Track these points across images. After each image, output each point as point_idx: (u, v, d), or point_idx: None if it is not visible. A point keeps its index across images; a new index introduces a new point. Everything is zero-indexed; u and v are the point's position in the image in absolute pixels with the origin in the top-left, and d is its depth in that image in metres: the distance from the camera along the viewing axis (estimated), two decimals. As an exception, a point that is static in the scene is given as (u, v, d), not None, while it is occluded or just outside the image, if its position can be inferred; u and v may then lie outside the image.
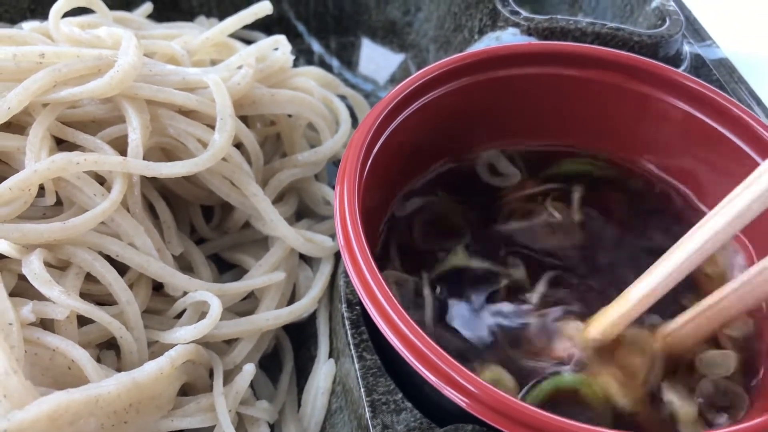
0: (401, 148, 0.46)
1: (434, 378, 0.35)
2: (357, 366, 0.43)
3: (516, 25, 0.54)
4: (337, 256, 0.52)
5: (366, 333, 0.45)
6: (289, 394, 0.48)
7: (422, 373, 0.35)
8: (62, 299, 0.40)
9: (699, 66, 0.56)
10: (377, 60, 0.69)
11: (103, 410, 0.37)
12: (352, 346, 0.44)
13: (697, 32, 0.61)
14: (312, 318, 0.50)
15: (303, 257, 0.52)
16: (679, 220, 0.48)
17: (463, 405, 0.34)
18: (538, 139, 0.51)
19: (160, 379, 0.40)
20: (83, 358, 0.39)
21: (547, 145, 0.51)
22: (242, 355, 0.46)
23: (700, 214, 0.44)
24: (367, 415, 0.41)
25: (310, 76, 0.56)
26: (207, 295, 0.45)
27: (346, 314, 0.46)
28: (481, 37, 0.56)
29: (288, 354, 0.50)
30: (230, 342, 0.47)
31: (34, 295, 0.41)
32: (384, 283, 0.37)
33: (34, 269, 0.41)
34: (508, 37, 0.54)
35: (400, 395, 0.42)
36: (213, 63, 0.55)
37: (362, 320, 0.45)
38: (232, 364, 0.46)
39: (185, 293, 0.46)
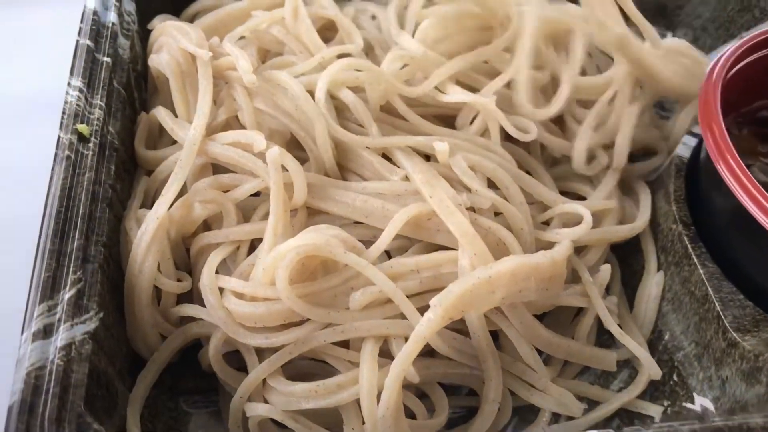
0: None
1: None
2: (702, 272, 0.52)
3: (814, 6, 0.63)
4: (653, 187, 0.61)
5: (704, 247, 0.54)
6: (620, 298, 0.58)
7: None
8: (485, 191, 0.52)
9: None
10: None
11: (538, 275, 0.48)
12: (694, 257, 0.54)
13: None
14: (632, 239, 0.60)
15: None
16: None
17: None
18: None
19: (563, 262, 0.50)
20: (509, 237, 0.50)
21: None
22: (594, 259, 0.57)
23: None
24: (718, 308, 0.51)
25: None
26: (579, 207, 0.55)
27: (684, 232, 0.55)
28: (775, 16, 0.65)
29: (616, 267, 0.60)
30: (578, 250, 0.57)
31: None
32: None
33: (462, 166, 0.52)
34: (806, 16, 0.63)
35: (741, 296, 0.51)
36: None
37: (698, 237, 0.55)
38: (586, 265, 0.56)
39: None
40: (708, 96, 0.53)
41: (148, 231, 0.49)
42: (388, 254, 0.52)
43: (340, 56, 0.58)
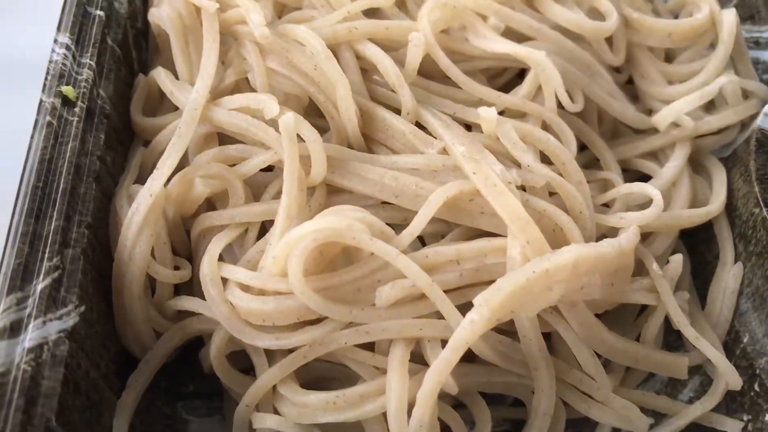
0: None
1: None
2: (793, 265, 0.44)
3: None
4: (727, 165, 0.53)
5: (794, 235, 0.46)
6: (691, 292, 0.50)
7: None
8: (538, 167, 0.43)
9: None
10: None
11: (604, 268, 0.40)
12: (782, 248, 0.45)
13: None
14: (704, 225, 0.51)
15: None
16: None
17: None
18: None
19: (631, 252, 0.42)
20: (568, 222, 0.42)
21: None
22: (662, 247, 0.49)
23: None
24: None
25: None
26: (648, 187, 0.47)
27: (770, 218, 0.47)
28: None
29: (685, 257, 0.51)
30: (644, 237, 0.49)
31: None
32: None
33: (512, 137, 0.44)
34: None
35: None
36: None
37: (784, 224, 0.47)
38: (653, 255, 0.47)
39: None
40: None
41: (140, 210, 0.42)
42: (422, 241, 0.44)
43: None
